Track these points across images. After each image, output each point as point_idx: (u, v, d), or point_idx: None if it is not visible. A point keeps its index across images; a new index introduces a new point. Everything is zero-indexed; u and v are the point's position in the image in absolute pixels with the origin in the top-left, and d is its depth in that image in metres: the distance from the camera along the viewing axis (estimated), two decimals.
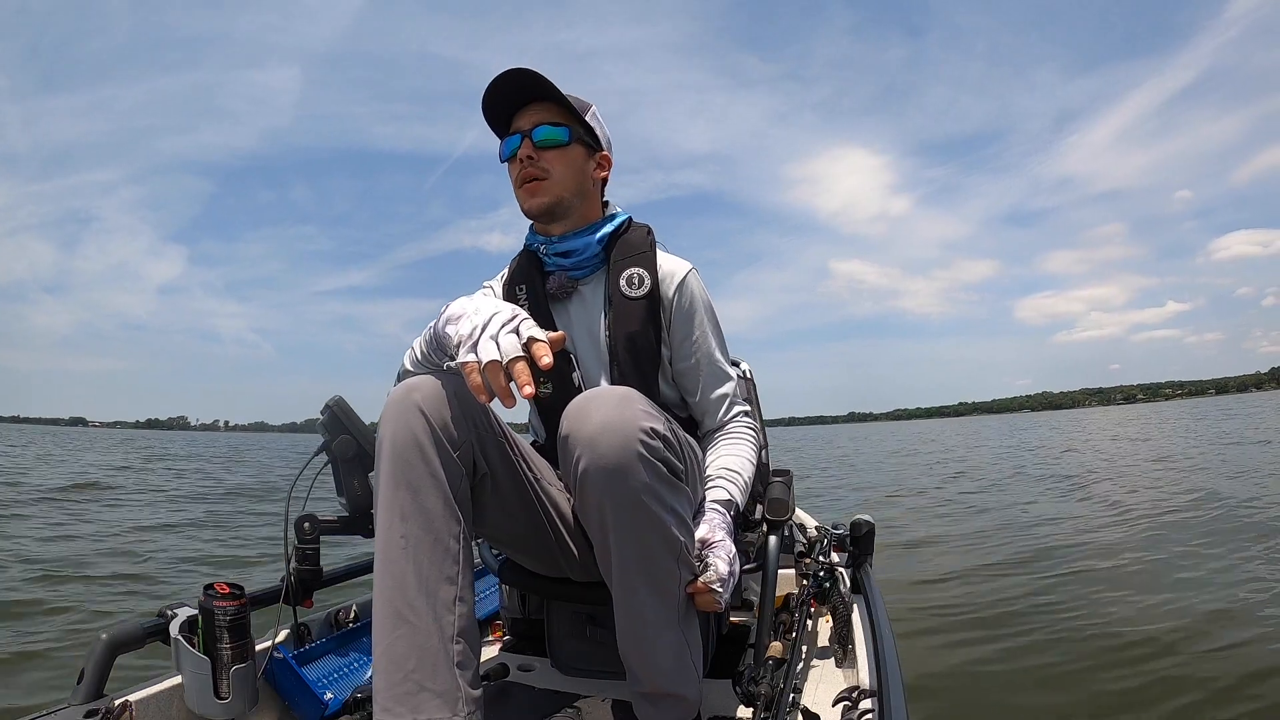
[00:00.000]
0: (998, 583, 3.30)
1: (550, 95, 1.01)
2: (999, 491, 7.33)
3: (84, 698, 0.86)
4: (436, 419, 0.78)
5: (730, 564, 0.86)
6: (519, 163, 1.01)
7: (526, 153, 1.00)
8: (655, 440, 0.75)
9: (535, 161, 1.00)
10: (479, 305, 0.77)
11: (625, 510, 0.75)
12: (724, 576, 0.84)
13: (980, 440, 21.30)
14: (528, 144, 1.00)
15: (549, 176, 1.01)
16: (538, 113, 1.01)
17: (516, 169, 1.02)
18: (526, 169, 1.01)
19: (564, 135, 1.01)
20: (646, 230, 1.10)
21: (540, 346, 0.71)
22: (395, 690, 0.71)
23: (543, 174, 1.01)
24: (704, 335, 1.07)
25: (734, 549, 0.89)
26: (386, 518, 0.76)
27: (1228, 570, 3.22)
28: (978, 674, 2.19)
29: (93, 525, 5.54)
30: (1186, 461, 9.08)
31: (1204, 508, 5.01)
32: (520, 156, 1.01)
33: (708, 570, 0.84)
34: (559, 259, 1.06)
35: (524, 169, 1.01)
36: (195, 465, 15.45)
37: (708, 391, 1.08)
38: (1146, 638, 2.37)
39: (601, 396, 0.78)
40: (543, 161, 1.00)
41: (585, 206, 1.06)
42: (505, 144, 1.04)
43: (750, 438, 1.09)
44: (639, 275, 1.04)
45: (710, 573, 0.84)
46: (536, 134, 1.00)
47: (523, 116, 1.02)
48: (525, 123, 1.01)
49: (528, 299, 1.07)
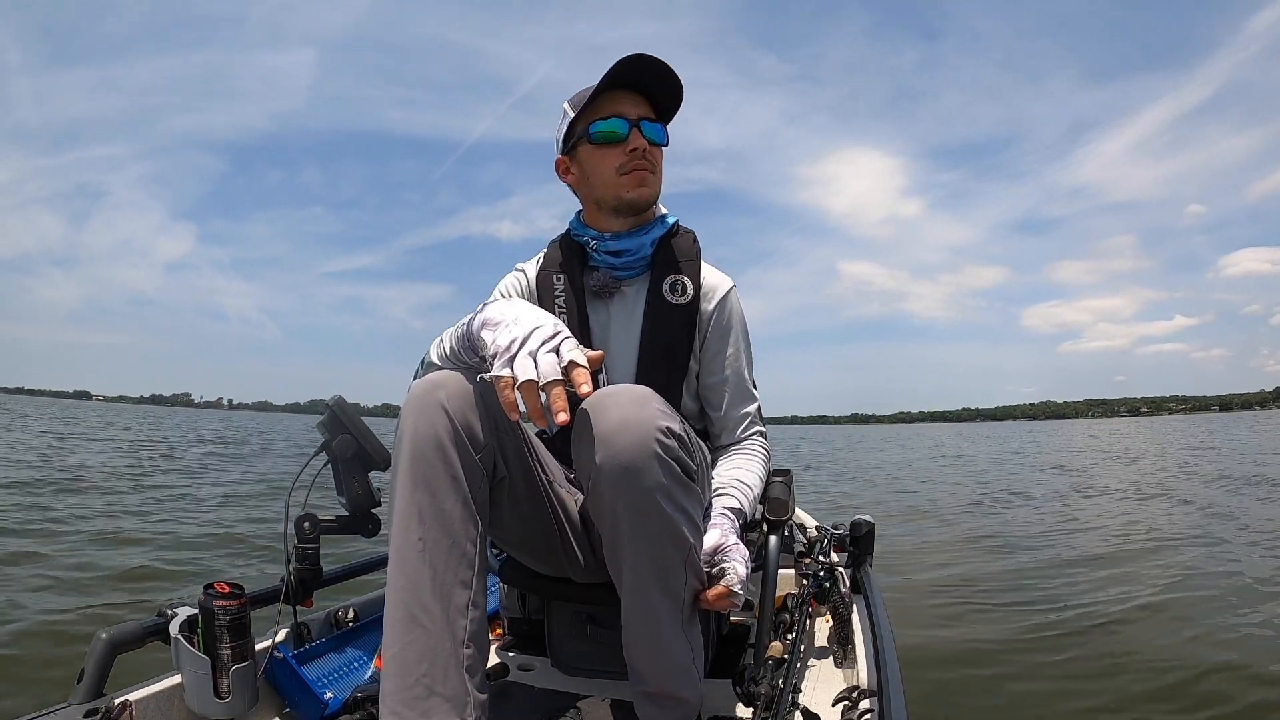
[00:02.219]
0: (999, 581, 3.31)
1: (678, 103, 1.04)
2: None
3: (84, 697, 0.86)
4: (460, 420, 0.77)
5: (747, 566, 0.87)
6: (628, 152, 1.01)
7: (643, 144, 1.01)
8: (671, 440, 0.75)
9: (649, 155, 1.02)
10: (519, 314, 0.75)
11: (638, 508, 0.75)
12: (743, 578, 0.85)
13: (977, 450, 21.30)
14: (639, 135, 1.01)
15: (657, 172, 1.03)
16: (643, 107, 1.02)
17: (620, 156, 1.01)
18: (641, 160, 1.01)
19: (665, 138, 1.04)
20: (693, 238, 1.10)
21: (580, 373, 0.70)
22: (405, 694, 0.71)
23: (653, 169, 1.03)
24: (737, 353, 1.08)
25: (747, 552, 0.89)
26: (404, 518, 0.75)
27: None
28: (978, 674, 2.19)
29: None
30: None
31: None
32: (636, 146, 1.01)
33: (727, 574, 0.84)
34: (609, 257, 1.06)
35: (637, 159, 1.01)
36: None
37: (731, 409, 1.09)
38: (1148, 638, 2.38)
39: (619, 394, 0.77)
40: (651, 156, 1.02)
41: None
42: (610, 122, 1.01)
43: (763, 457, 1.10)
44: (683, 283, 1.05)
45: (730, 575, 0.84)
46: (655, 131, 1.02)
47: (627, 103, 1.01)
48: (633, 112, 1.01)
49: (565, 290, 1.07)
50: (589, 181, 1.05)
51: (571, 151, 1.06)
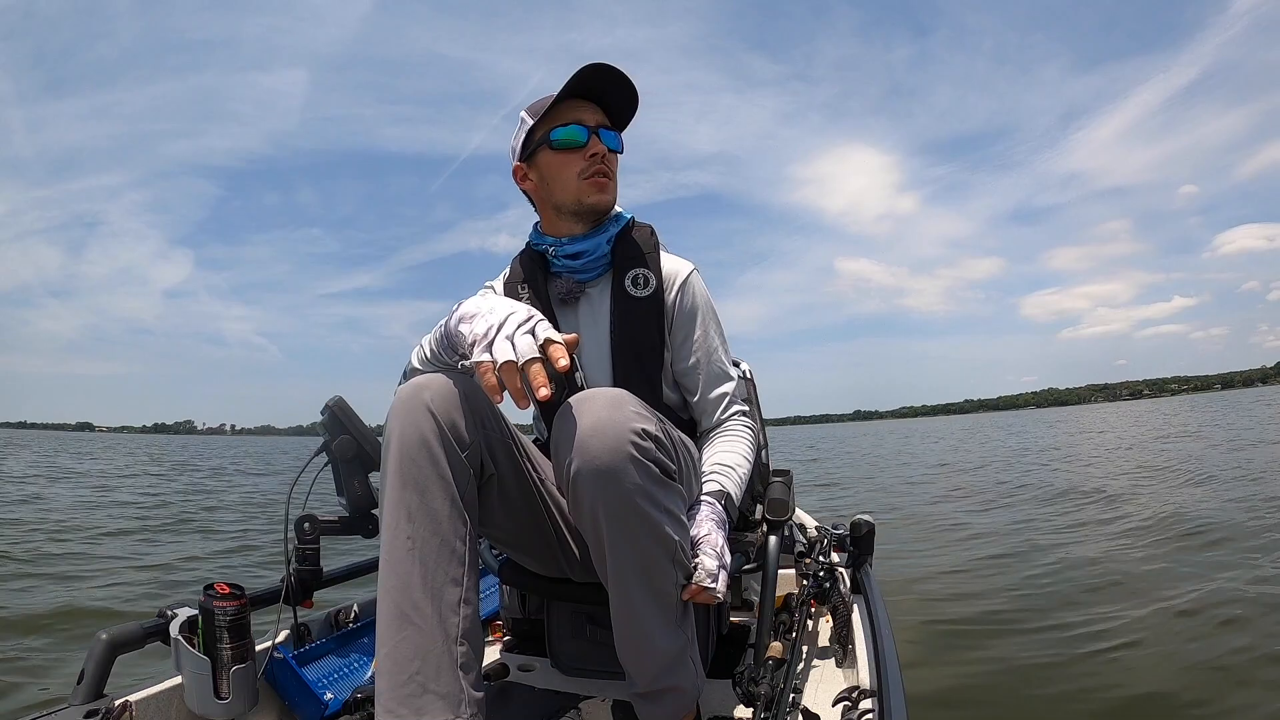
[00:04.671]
0: (997, 582, 3.30)
1: (633, 111, 1.05)
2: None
3: (84, 698, 0.86)
4: (445, 419, 0.78)
5: (719, 557, 0.86)
6: (588, 157, 1.02)
7: (602, 150, 1.02)
8: (647, 441, 0.75)
9: (607, 161, 1.03)
10: (494, 305, 0.77)
11: (618, 512, 0.75)
12: (713, 571, 0.84)
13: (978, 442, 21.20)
14: (598, 141, 1.02)
15: (614, 179, 1.05)
16: (599, 115, 1.04)
17: (580, 161, 1.02)
18: (600, 165, 1.03)
19: (622, 146, 1.06)
20: (650, 230, 1.11)
21: (557, 348, 0.71)
22: (399, 692, 0.71)
23: (611, 175, 1.05)
24: (705, 335, 1.08)
25: (721, 540, 0.88)
26: (393, 518, 0.76)
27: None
28: (979, 674, 2.19)
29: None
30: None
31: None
32: (596, 151, 1.02)
33: (697, 570, 0.84)
34: (568, 261, 1.06)
35: (597, 164, 1.02)
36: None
37: (707, 391, 1.08)
38: (1149, 640, 2.37)
39: (592, 398, 0.77)
40: (608, 163, 1.04)
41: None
42: (570, 129, 1.02)
43: (746, 435, 1.09)
44: (644, 275, 1.05)
45: (700, 572, 0.83)
46: (612, 138, 1.04)
47: (586, 111, 1.03)
48: (592, 119, 1.03)
49: (530, 299, 1.07)
50: (549, 187, 1.06)
51: (530, 159, 1.07)
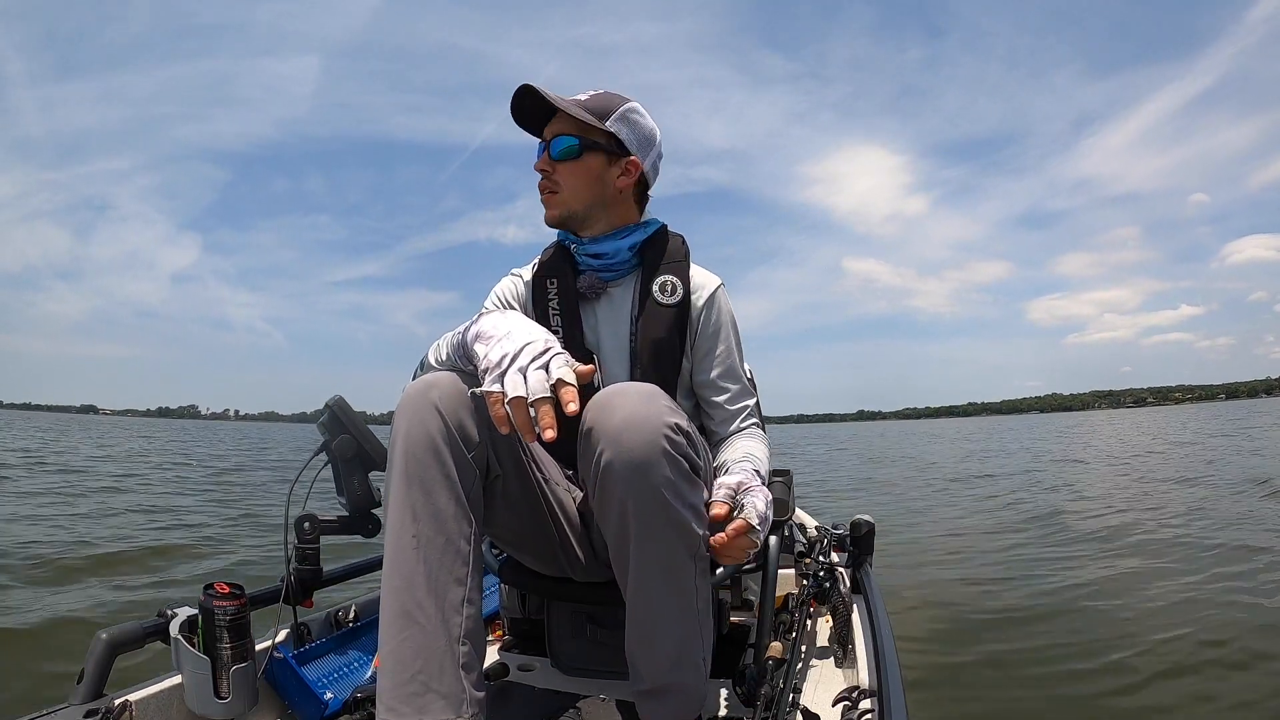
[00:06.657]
0: (999, 582, 3.30)
1: (553, 110, 1.01)
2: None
3: (84, 698, 0.86)
4: (453, 419, 0.78)
5: (767, 507, 0.83)
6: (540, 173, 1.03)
7: (541, 165, 1.02)
8: (679, 436, 0.75)
9: (549, 175, 1.02)
10: (511, 329, 0.77)
11: (647, 506, 0.74)
12: (763, 515, 0.81)
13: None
14: (545, 157, 1.02)
15: (559, 190, 1.03)
16: (558, 123, 1.03)
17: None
18: (540, 181, 1.03)
19: (575, 149, 1.01)
20: (681, 240, 1.12)
21: (568, 391, 0.70)
22: (401, 691, 0.71)
23: (555, 187, 1.03)
24: (729, 350, 1.09)
25: (770, 495, 0.86)
26: (398, 516, 0.76)
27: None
28: (979, 674, 2.19)
29: None
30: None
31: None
32: (536, 168, 1.03)
33: (745, 509, 0.80)
34: (590, 259, 1.07)
35: (540, 182, 1.03)
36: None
37: (730, 405, 1.09)
38: (1150, 641, 2.38)
39: (626, 391, 0.77)
40: (556, 174, 1.02)
41: (612, 213, 1.06)
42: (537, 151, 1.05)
43: (764, 438, 1.10)
44: (672, 283, 1.06)
45: (749, 510, 0.80)
46: (555, 146, 1.02)
47: (548, 125, 1.03)
48: (547, 132, 1.03)
49: (558, 293, 1.08)
50: None
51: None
